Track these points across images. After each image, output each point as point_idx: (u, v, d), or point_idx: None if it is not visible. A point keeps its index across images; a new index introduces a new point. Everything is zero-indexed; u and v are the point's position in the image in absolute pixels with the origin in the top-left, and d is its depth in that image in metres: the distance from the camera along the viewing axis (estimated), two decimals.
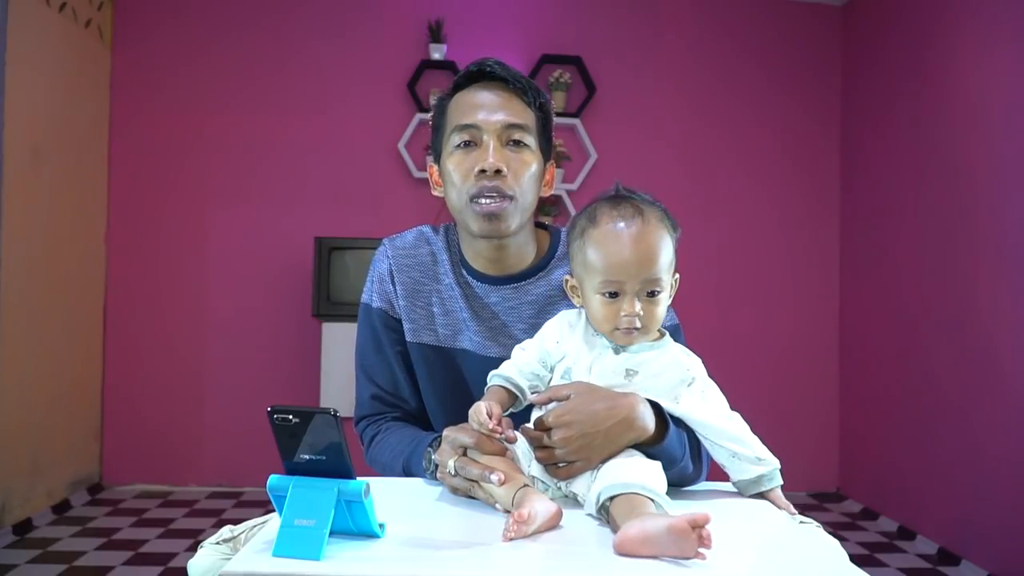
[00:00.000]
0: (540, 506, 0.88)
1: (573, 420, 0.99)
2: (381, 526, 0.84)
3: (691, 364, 1.08)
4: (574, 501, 1.01)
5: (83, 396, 3.65)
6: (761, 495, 1.07)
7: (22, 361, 3.14)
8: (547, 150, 1.31)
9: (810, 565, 0.83)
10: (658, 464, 0.97)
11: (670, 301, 1.09)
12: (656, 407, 1.04)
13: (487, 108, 1.23)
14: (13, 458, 3.08)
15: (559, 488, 1.02)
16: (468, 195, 1.23)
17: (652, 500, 0.88)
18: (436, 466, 1.05)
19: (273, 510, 0.90)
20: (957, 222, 3.12)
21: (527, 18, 4.00)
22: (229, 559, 0.96)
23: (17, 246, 3.07)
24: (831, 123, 4.12)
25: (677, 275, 1.09)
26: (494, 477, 0.93)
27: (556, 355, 1.08)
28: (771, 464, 1.06)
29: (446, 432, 1.03)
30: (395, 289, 1.32)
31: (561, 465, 1.00)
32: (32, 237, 3.20)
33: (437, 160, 1.31)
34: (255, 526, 1.07)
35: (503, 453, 0.98)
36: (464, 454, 0.99)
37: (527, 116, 1.25)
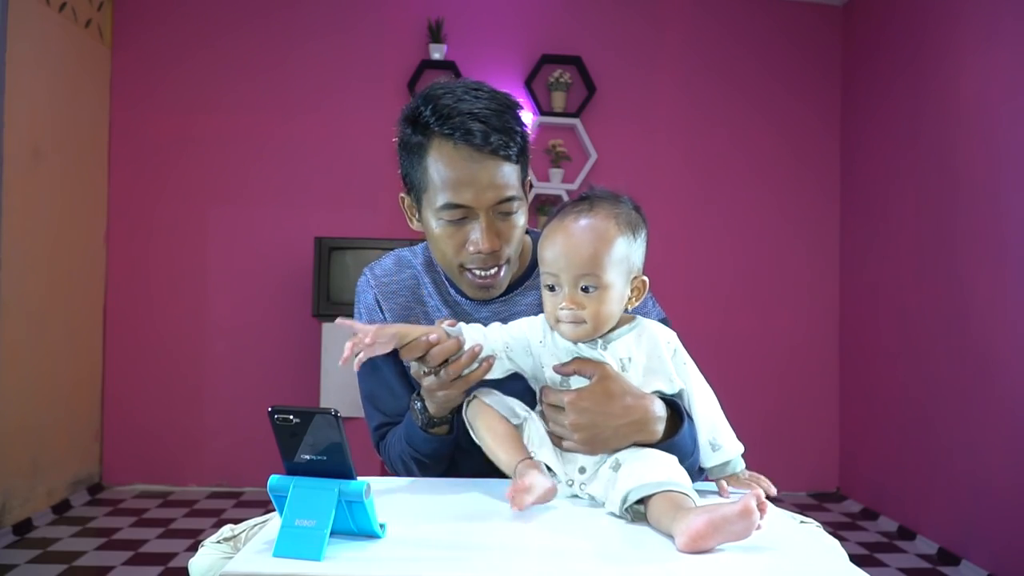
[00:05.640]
0: (539, 479, 0.94)
1: (588, 408, 1.00)
2: (382, 526, 0.84)
3: (670, 336, 1.09)
4: (567, 491, 1.03)
5: (83, 396, 3.65)
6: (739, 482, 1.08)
7: (22, 361, 3.13)
8: (526, 171, 1.24)
9: (810, 565, 0.83)
10: (674, 458, 0.99)
11: (627, 302, 1.06)
12: (671, 404, 1.06)
13: (477, 185, 1.15)
14: (13, 458, 3.08)
15: (570, 484, 1.03)
16: (459, 264, 1.21)
17: (686, 495, 0.90)
18: (420, 397, 1.14)
19: (273, 510, 0.90)
20: (957, 221, 3.12)
21: (527, 18, 4.00)
22: (230, 558, 0.96)
23: (17, 246, 3.07)
24: (831, 123, 4.12)
25: (643, 278, 1.07)
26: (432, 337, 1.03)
27: (538, 355, 1.08)
28: (728, 454, 1.06)
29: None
30: (384, 317, 1.30)
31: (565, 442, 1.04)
32: (32, 237, 3.19)
33: (415, 199, 1.23)
34: (256, 525, 1.07)
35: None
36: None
37: (514, 177, 1.18)
